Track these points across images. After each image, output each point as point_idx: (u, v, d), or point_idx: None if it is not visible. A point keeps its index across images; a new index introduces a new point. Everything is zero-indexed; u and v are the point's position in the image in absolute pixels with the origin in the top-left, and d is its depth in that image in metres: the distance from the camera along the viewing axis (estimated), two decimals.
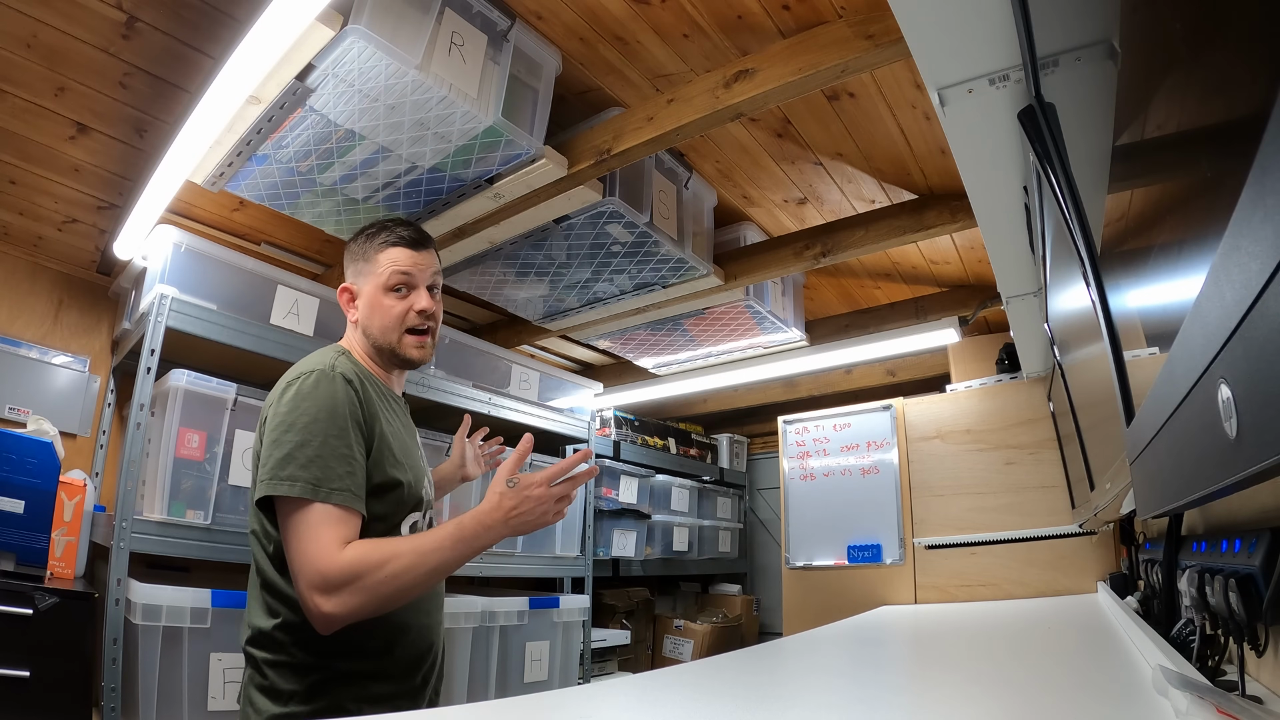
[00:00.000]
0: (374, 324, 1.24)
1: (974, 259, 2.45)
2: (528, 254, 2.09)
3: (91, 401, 2.26)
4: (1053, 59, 0.91)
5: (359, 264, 1.27)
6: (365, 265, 1.26)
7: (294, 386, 1.12)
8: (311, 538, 1.02)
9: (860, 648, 1.56)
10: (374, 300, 1.24)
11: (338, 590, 0.99)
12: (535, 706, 0.90)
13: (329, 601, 0.99)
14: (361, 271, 1.26)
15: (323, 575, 0.99)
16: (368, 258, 1.26)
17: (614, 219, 1.86)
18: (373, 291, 1.25)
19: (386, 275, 1.24)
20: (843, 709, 0.86)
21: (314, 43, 1.27)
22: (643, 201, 1.89)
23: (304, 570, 1.00)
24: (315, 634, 1.03)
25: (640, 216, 1.86)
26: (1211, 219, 0.37)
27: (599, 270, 2.16)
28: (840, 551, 2.80)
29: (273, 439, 1.08)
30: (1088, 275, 0.75)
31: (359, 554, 1.02)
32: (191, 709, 1.60)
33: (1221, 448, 0.33)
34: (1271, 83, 0.27)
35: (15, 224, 2.09)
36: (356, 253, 1.28)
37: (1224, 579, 0.79)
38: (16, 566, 1.69)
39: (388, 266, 1.24)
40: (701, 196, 2.16)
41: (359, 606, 1.00)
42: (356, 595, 1.00)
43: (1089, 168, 0.87)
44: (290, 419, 1.08)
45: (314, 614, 1.00)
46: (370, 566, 1.01)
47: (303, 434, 1.07)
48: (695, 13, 1.46)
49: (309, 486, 1.03)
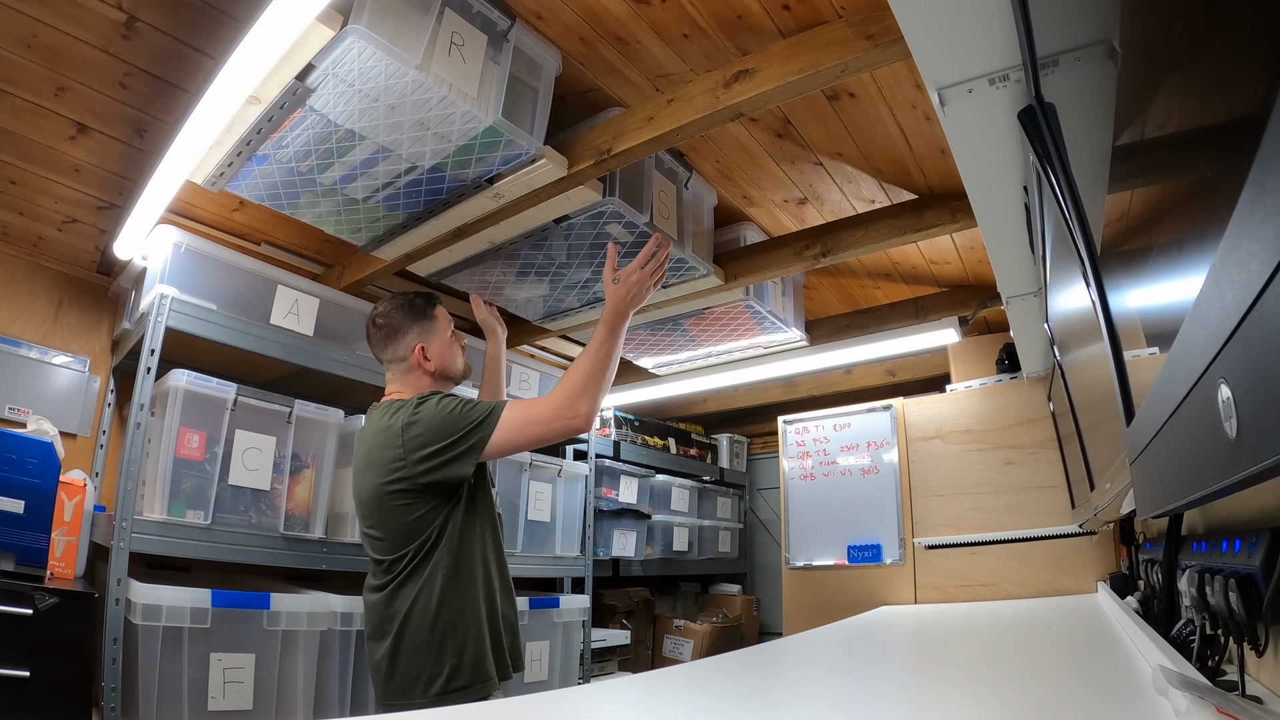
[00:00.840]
0: (448, 361, 1.65)
1: (974, 259, 2.45)
2: (528, 254, 2.09)
3: (91, 401, 2.26)
4: (1053, 59, 0.91)
5: (422, 324, 1.63)
6: (429, 324, 1.64)
7: (410, 408, 1.46)
8: (529, 408, 1.46)
9: (860, 648, 1.56)
10: (446, 347, 1.65)
11: (571, 407, 1.45)
12: (535, 706, 0.90)
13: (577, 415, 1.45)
14: (428, 330, 1.64)
15: (556, 407, 1.45)
16: (428, 316, 1.65)
17: (614, 219, 1.86)
18: (442, 341, 1.65)
19: (449, 326, 1.68)
20: (843, 709, 0.85)
21: (314, 43, 1.27)
22: (643, 201, 1.89)
23: (546, 417, 1.44)
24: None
25: (640, 216, 1.86)
26: (1211, 219, 0.37)
27: (600, 270, 2.16)
28: (840, 551, 2.80)
29: (436, 431, 1.41)
30: (1088, 275, 0.74)
31: (559, 385, 1.48)
32: (191, 709, 1.60)
33: (1221, 448, 0.33)
34: (1271, 83, 0.27)
35: (15, 224, 2.09)
36: (414, 318, 1.63)
37: (1224, 579, 0.79)
38: (16, 566, 1.69)
39: (445, 320, 1.68)
40: (701, 196, 2.16)
41: (592, 402, 1.47)
42: (584, 398, 1.46)
43: (1089, 168, 0.87)
44: (436, 413, 1.44)
45: (576, 428, 1.46)
46: (566, 383, 1.47)
47: (450, 407, 1.45)
48: (695, 13, 1.46)
49: (491, 407, 1.44)
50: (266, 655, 1.73)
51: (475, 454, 1.42)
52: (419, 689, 1.37)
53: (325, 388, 2.30)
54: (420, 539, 1.43)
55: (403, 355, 1.62)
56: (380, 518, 1.46)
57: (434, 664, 1.38)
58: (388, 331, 1.63)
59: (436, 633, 1.39)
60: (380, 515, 1.46)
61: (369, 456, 1.48)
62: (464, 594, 1.44)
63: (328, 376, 2.16)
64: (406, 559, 1.43)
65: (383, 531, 1.46)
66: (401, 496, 1.43)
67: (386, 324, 1.63)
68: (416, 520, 1.44)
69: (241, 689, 1.67)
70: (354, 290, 2.33)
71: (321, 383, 2.26)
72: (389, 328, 1.63)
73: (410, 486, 1.42)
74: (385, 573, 1.46)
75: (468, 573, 1.46)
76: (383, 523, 1.46)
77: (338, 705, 1.85)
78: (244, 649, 1.70)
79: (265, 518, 1.89)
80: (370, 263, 2.19)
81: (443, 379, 1.65)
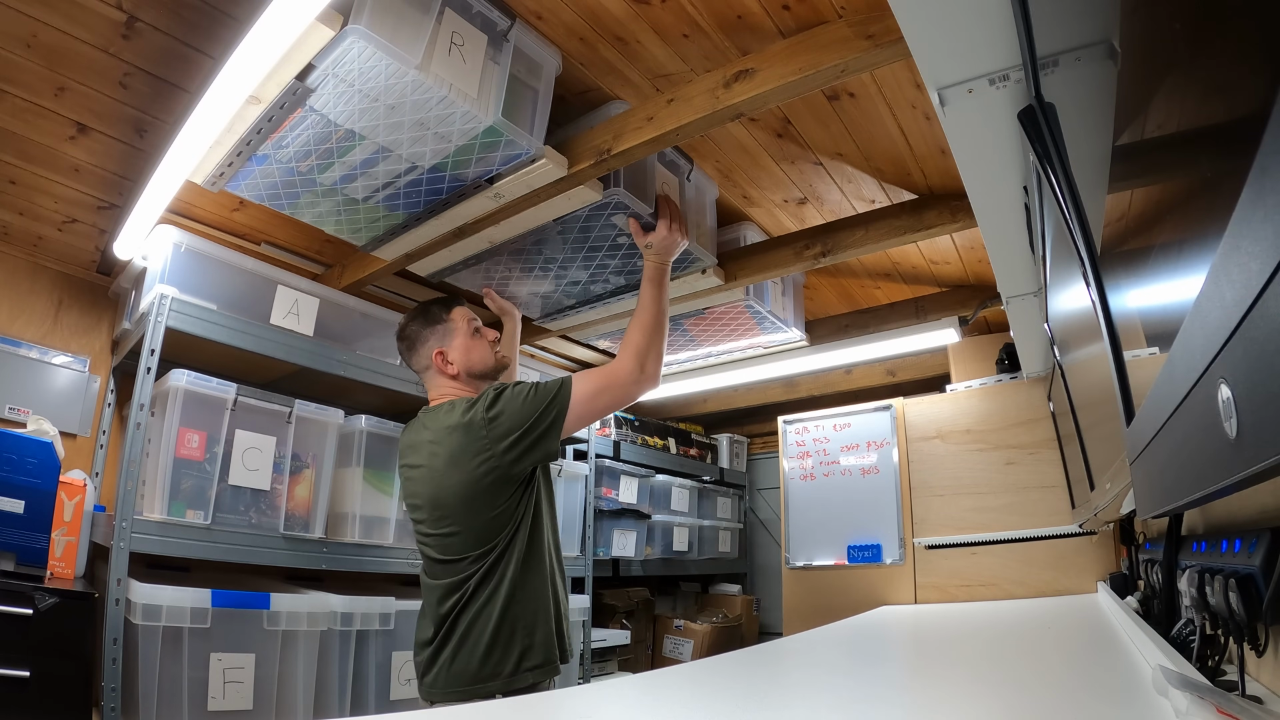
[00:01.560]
0: (474, 359, 1.66)
1: (974, 259, 2.45)
2: (529, 251, 2.09)
3: (91, 401, 2.26)
4: (1053, 59, 0.91)
5: (438, 329, 1.65)
6: (445, 328, 1.66)
7: (487, 400, 1.48)
8: (598, 377, 1.53)
9: (860, 648, 1.56)
10: (466, 346, 1.65)
11: (639, 367, 1.55)
12: (535, 706, 0.90)
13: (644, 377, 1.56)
14: (445, 334, 1.66)
15: (626, 371, 1.54)
16: (443, 321, 1.66)
17: (620, 209, 1.85)
18: (461, 342, 1.65)
19: (468, 326, 1.68)
20: (843, 709, 0.85)
21: (314, 43, 1.27)
22: (647, 195, 1.88)
23: (619, 381, 1.53)
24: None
25: (645, 207, 1.85)
26: (1211, 219, 0.37)
27: (604, 264, 2.15)
28: (840, 551, 2.80)
29: (517, 416, 1.45)
30: (1088, 275, 0.74)
31: (623, 350, 1.57)
32: (191, 709, 1.60)
33: (1221, 448, 0.33)
34: (1271, 83, 0.27)
35: (15, 224, 2.09)
36: (429, 325, 1.66)
37: (1224, 579, 0.79)
38: (16, 566, 1.69)
39: (464, 320, 1.68)
40: (703, 190, 2.15)
41: (657, 359, 1.59)
42: (650, 356, 1.57)
43: (1089, 168, 0.87)
44: (514, 400, 1.47)
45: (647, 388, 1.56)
46: (629, 346, 1.57)
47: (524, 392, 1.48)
48: (695, 13, 1.46)
49: (559, 383, 1.49)
50: (266, 655, 1.73)
51: (558, 429, 1.45)
52: (488, 671, 1.39)
53: (325, 388, 2.30)
54: (505, 530, 1.46)
55: (426, 364, 1.65)
56: (466, 514, 1.46)
57: (505, 646, 1.41)
58: (409, 343, 1.67)
59: (510, 616, 1.42)
60: (467, 512, 1.45)
61: (452, 455, 1.47)
62: (535, 577, 1.47)
63: (328, 376, 2.16)
64: (490, 552, 1.45)
65: (465, 527, 1.46)
66: (490, 488, 1.44)
67: (406, 336, 1.68)
68: (500, 511, 1.45)
69: (241, 689, 1.67)
70: (354, 290, 2.33)
71: (321, 383, 2.26)
72: (409, 339, 1.67)
73: (498, 477, 1.44)
74: (463, 569, 1.45)
75: (538, 556, 1.49)
76: (468, 519, 1.45)
77: (338, 705, 1.85)
78: (244, 649, 1.70)
79: (265, 518, 1.89)
80: (370, 263, 2.19)
81: (472, 379, 1.66)
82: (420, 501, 1.53)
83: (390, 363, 2.31)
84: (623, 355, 1.56)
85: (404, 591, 2.24)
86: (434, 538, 1.50)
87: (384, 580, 2.38)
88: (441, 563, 1.49)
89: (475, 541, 1.45)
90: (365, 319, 2.32)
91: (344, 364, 2.16)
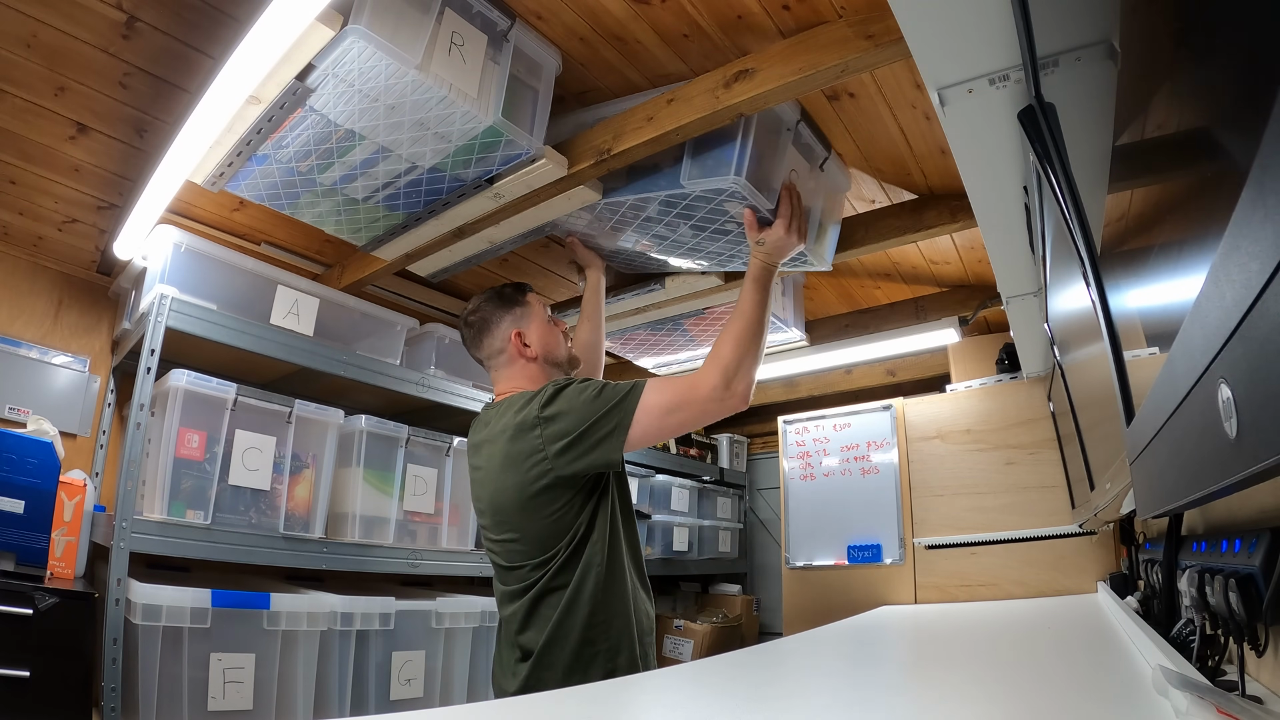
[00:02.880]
0: (552, 345, 1.55)
1: (974, 259, 2.45)
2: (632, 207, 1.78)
3: (91, 401, 2.26)
4: (1053, 59, 0.91)
5: (515, 311, 1.55)
6: (522, 310, 1.55)
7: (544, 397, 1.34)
8: (675, 389, 1.33)
9: (860, 648, 1.56)
10: (544, 331, 1.55)
11: (724, 384, 1.33)
12: (535, 706, 0.90)
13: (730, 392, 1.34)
14: (522, 316, 1.55)
15: (709, 386, 1.33)
16: (520, 303, 1.56)
17: (735, 199, 1.62)
18: (540, 326, 1.55)
19: (544, 311, 1.58)
20: (843, 709, 0.85)
21: (314, 43, 1.27)
22: (772, 177, 1.62)
23: (699, 398, 1.33)
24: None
25: (765, 202, 1.60)
26: (1211, 219, 0.37)
27: (701, 245, 1.88)
28: (840, 551, 2.80)
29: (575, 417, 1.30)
30: (1088, 275, 0.74)
31: (710, 360, 1.36)
32: (191, 709, 1.60)
33: (1221, 448, 0.33)
34: (1271, 83, 0.27)
35: (15, 224, 2.09)
36: (505, 306, 1.55)
37: (1224, 579, 0.79)
38: (16, 566, 1.69)
39: (540, 305, 1.58)
40: (838, 184, 1.86)
41: (749, 376, 1.37)
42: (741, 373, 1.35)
43: (1089, 168, 0.87)
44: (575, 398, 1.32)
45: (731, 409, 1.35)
46: (716, 359, 1.36)
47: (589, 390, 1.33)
48: (695, 13, 1.46)
49: (630, 386, 1.32)
50: (266, 655, 1.73)
51: (619, 439, 1.28)
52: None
53: (325, 388, 2.30)
54: (566, 538, 1.33)
55: (500, 347, 1.52)
56: (522, 520, 1.34)
57: (585, 671, 1.28)
58: (479, 326, 1.54)
59: (588, 637, 1.29)
60: (523, 517, 1.34)
61: (507, 456, 1.35)
62: (614, 596, 1.34)
63: (328, 376, 2.16)
64: (552, 561, 1.32)
65: (523, 534, 1.35)
66: (544, 493, 1.32)
67: (478, 318, 1.54)
68: (558, 518, 1.33)
69: (241, 689, 1.67)
70: (354, 290, 2.33)
71: (321, 383, 2.26)
72: (480, 322, 1.54)
73: (552, 481, 1.31)
74: (526, 578, 1.35)
75: (616, 573, 1.36)
76: (525, 525, 1.34)
77: (338, 705, 1.85)
78: (244, 649, 1.70)
79: (265, 518, 1.89)
80: (370, 263, 2.19)
81: (549, 365, 1.54)
82: (484, 506, 1.44)
83: (390, 363, 2.31)
84: (707, 368, 1.35)
85: (404, 591, 2.24)
86: (498, 544, 1.41)
87: (384, 580, 2.38)
88: (506, 570, 1.40)
89: (537, 550, 1.34)
90: (365, 319, 2.32)
91: (344, 364, 2.16)
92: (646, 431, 1.30)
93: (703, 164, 1.62)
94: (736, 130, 1.57)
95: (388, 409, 2.39)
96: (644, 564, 1.49)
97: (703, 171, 1.61)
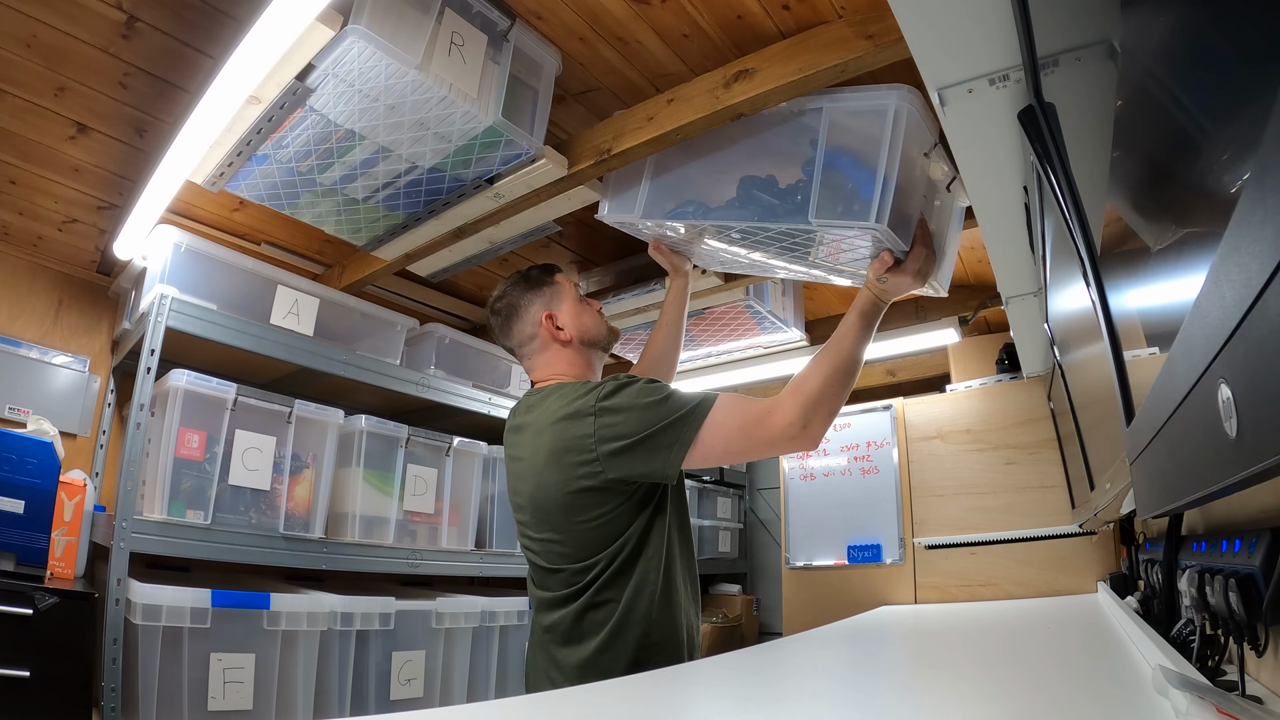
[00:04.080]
0: (588, 325, 1.44)
1: (974, 259, 2.45)
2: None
3: (91, 401, 2.26)
4: (1053, 59, 0.91)
5: (543, 292, 1.44)
6: (552, 290, 1.45)
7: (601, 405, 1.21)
8: (750, 412, 1.19)
9: (860, 648, 1.56)
10: (578, 311, 1.44)
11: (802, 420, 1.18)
12: (535, 706, 0.90)
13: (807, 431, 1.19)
14: (551, 297, 1.44)
15: (785, 418, 1.18)
16: (549, 284, 1.45)
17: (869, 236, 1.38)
18: (571, 305, 1.44)
19: (575, 290, 1.47)
20: (843, 709, 0.85)
21: (314, 43, 1.27)
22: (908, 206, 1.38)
23: (773, 429, 1.18)
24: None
25: (901, 246, 1.36)
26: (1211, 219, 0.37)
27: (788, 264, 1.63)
28: (840, 551, 2.80)
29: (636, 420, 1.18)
30: (1088, 275, 0.74)
31: (792, 390, 1.21)
32: (191, 709, 1.60)
33: (1221, 448, 0.33)
34: (1272, 83, 0.27)
35: (15, 224, 2.09)
36: (533, 289, 1.45)
37: (1224, 579, 0.79)
38: (16, 566, 1.69)
39: (570, 284, 1.47)
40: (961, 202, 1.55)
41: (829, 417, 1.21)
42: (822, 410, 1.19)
43: (1089, 168, 0.87)
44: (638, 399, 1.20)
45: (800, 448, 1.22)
46: (800, 390, 1.20)
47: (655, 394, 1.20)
48: (695, 13, 1.46)
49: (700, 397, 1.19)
50: (266, 655, 1.73)
51: (679, 454, 1.16)
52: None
53: (325, 388, 2.30)
54: (613, 545, 1.22)
55: (531, 332, 1.41)
56: (563, 521, 1.23)
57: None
58: (507, 313, 1.44)
59: (640, 660, 1.19)
60: (564, 518, 1.23)
61: (554, 448, 1.23)
62: (671, 617, 1.24)
63: (328, 376, 2.16)
64: (598, 570, 1.21)
65: (566, 535, 1.24)
66: (590, 493, 1.20)
67: (505, 305, 1.44)
68: (604, 523, 1.21)
69: (241, 689, 1.67)
70: (354, 290, 2.33)
71: (321, 383, 2.26)
72: (508, 308, 1.44)
73: (598, 483, 1.19)
74: (570, 583, 1.24)
75: (674, 592, 1.26)
76: (567, 525, 1.23)
77: (338, 705, 1.85)
78: (244, 649, 1.70)
79: (265, 518, 1.89)
80: (370, 263, 2.19)
81: (585, 346, 1.43)
82: (522, 500, 1.32)
83: (390, 363, 2.31)
84: (788, 399, 1.19)
85: (404, 591, 2.24)
86: (537, 542, 1.29)
87: (384, 580, 2.38)
88: (547, 572, 1.28)
89: (579, 555, 1.23)
90: (365, 319, 2.32)
91: (344, 364, 2.16)
92: (710, 452, 1.17)
93: (833, 197, 1.37)
94: (874, 156, 1.33)
95: (388, 409, 2.39)
96: (698, 579, 1.40)
97: (835, 211, 1.36)
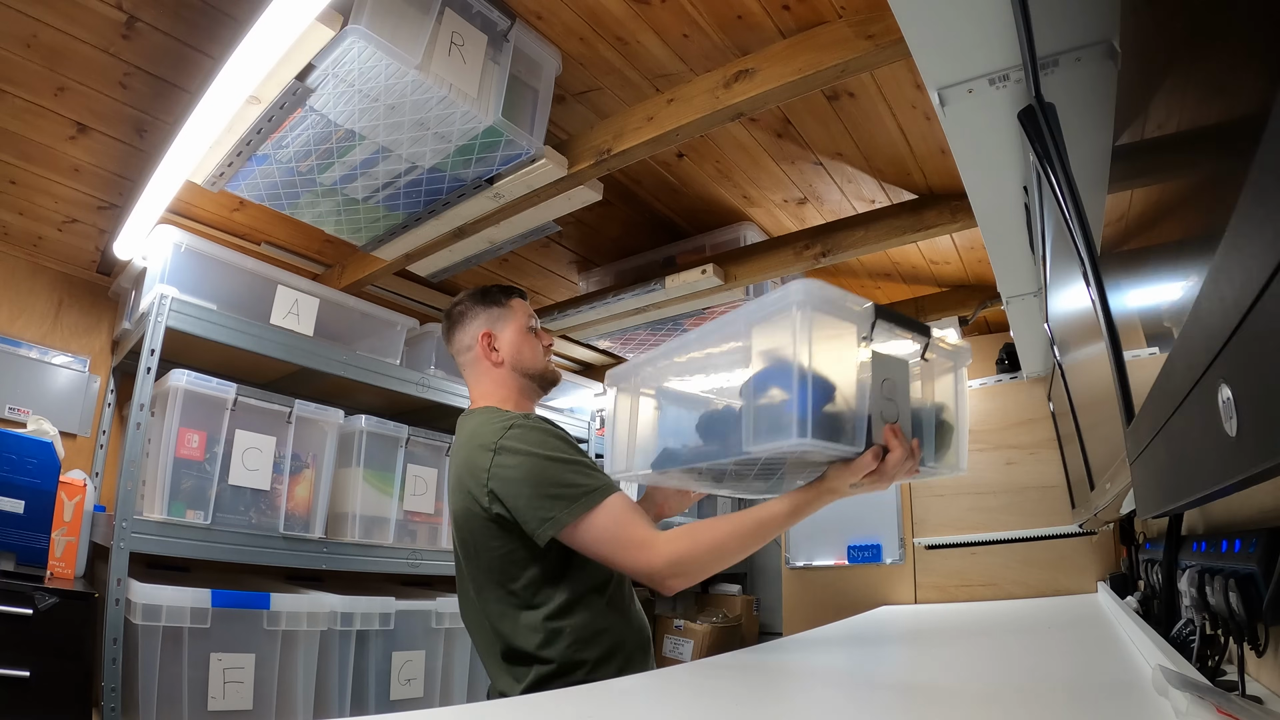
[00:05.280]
0: (525, 355, 1.39)
1: (974, 259, 2.45)
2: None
3: (91, 401, 2.26)
4: (1053, 59, 0.91)
5: (492, 310, 1.40)
6: (501, 311, 1.40)
7: (502, 443, 1.17)
8: (634, 530, 1.12)
9: (860, 648, 1.56)
10: (519, 339, 1.39)
11: (671, 573, 1.11)
12: (535, 706, 0.90)
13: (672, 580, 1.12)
14: (498, 317, 1.40)
15: (661, 557, 1.10)
16: (500, 304, 1.41)
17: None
18: (515, 332, 1.39)
19: (526, 319, 1.41)
20: (843, 709, 0.85)
21: (314, 43, 1.27)
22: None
23: (643, 560, 1.10)
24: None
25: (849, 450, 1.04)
26: (1211, 219, 0.37)
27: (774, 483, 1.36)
28: (840, 551, 2.80)
29: (529, 472, 1.13)
30: (1088, 275, 0.74)
31: (681, 537, 1.13)
32: (191, 709, 1.60)
33: (1221, 448, 0.33)
34: (1271, 82, 0.27)
35: (15, 224, 2.09)
36: (483, 304, 1.41)
37: (1224, 579, 0.79)
38: (16, 566, 1.69)
39: (523, 311, 1.42)
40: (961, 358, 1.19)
41: (691, 581, 1.13)
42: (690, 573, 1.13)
43: (1089, 168, 0.87)
44: (541, 446, 1.16)
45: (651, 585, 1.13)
46: (682, 544, 1.12)
47: (558, 452, 1.16)
48: (695, 13, 1.46)
49: (598, 488, 1.13)
50: (266, 655, 1.73)
51: (548, 530, 1.10)
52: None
53: (325, 388, 2.30)
54: (533, 569, 1.16)
55: (468, 344, 1.39)
56: (475, 543, 1.20)
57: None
58: (455, 319, 1.42)
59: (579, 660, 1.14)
60: (475, 541, 1.20)
61: (458, 475, 1.22)
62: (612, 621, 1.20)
63: (328, 376, 2.16)
64: (521, 586, 1.17)
65: (479, 560, 1.20)
66: (491, 524, 1.16)
67: (456, 311, 1.43)
68: (512, 550, 1.16)
69: (241, 689, 1.67)
70: (354, 290, 2.33)
71: (321, 383, 2.26)
72: (457, 315, 1.42)
73: (489, 516, 1.15)
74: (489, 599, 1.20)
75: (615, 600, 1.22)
76: (478, 550, 1.20)
77: (337, 705, 1.85)
78: (244, 649, 1.70)
79: (265, 518, 1.89)
80: (370, 263, 2.19)
81: (519, 375, 1.37)
82: (451, 514, 1.29)
83: (390, 363, 2.31)
84: (672, 542, 1.11)
85: (404, 591, 2.24)
86: (464, 562, 1.27)
87: (384, 580, 2.38)
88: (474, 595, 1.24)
89: (496, 574, 1.18)
90: (365, 319, 2.32)
91: (344, 364, 2.16)
92: (577, 545, 1.11)
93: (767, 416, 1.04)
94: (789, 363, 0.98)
95: (388, 409, 2.39)
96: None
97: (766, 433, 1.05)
